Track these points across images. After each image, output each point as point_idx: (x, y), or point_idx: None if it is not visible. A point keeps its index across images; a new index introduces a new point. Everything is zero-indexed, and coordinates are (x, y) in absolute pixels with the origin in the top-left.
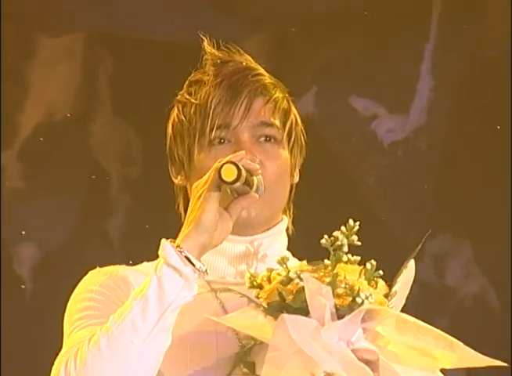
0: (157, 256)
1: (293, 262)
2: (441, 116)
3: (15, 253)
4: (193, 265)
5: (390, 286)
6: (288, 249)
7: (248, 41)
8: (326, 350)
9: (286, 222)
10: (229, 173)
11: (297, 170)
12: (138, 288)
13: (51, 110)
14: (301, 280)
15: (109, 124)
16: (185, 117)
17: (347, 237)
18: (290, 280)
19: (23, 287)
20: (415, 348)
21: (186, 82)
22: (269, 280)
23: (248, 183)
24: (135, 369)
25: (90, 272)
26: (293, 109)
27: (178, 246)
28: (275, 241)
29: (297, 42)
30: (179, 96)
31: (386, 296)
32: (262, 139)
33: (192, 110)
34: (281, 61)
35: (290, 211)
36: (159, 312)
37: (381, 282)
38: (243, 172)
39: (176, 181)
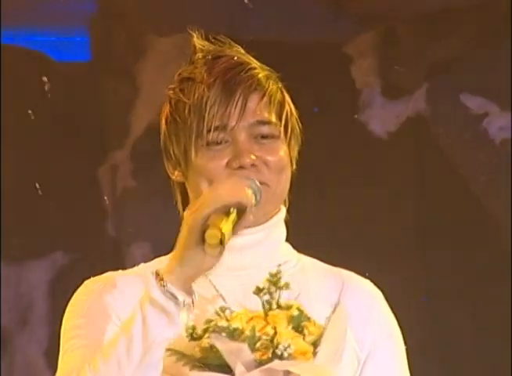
0: None
1: (295, 256)
2: None
3: (128, 252)
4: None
5: None
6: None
7: (360, 38)
8: None
9: (284, 211)
10: (212, 237)
11: (294, 159)
12: (126, 321)
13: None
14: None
15: None
16: (179, 116)
17: (274, 284)
18: (201, 337)
19: None
20: None
21: (177, 77)
22: (205, 332)
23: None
24: None
25: (84, 283)
26: (287, 98)
27: (161, 279)
28: (273, 232)
29: (408, 40)
30: (171, 92)
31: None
32: (260, 136)
33: (187, 110)
34: (392, 58)
35: (287, 200)
36: (144, 348)
37: (315, 325)
38: (227, 236)
39: (173, 177)
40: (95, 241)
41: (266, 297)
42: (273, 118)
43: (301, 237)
